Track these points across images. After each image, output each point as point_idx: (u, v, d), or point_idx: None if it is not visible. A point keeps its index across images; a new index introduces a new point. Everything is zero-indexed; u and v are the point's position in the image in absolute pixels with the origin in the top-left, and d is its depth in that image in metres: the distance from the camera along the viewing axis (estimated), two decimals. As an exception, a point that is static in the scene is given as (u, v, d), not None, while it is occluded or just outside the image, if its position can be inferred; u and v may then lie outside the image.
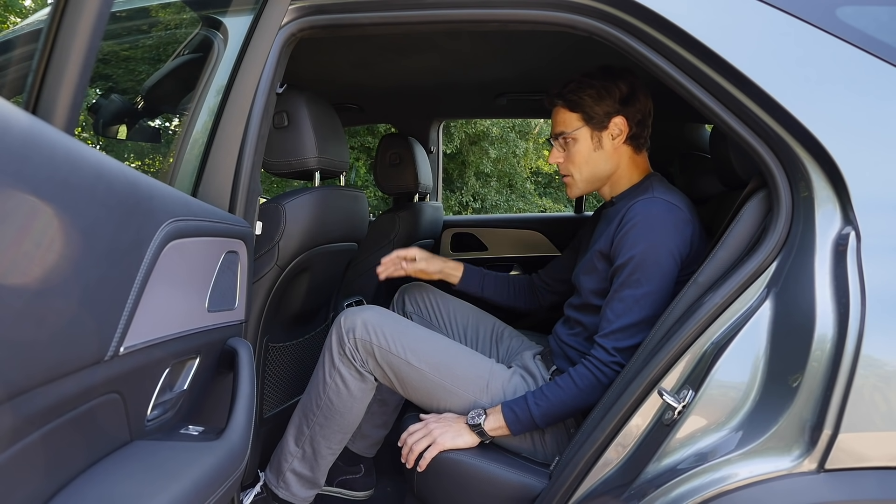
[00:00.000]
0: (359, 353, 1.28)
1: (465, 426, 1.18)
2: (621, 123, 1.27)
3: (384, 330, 1.27)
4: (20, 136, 0.46)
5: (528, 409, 1.15)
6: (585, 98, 1.26)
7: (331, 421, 1.31)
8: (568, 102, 1.28)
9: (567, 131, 1.29)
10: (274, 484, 1.36)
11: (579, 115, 1.27)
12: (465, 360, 1.29)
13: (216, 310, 0.93)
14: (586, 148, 1.28)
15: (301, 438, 1.34)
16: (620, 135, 1.28)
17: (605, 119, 1.26)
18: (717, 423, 0.84)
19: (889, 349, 0.74)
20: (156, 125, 1.76)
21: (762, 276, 0.88)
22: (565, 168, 1.32)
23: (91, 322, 0.59)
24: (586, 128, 1.27)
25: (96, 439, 0.68)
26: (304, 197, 1.32)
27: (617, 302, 1.14)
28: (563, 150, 1.31)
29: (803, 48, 0.88)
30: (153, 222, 0.69)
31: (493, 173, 10.51)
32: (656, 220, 1.15)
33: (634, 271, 1.13)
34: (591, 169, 1.30)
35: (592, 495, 0.97)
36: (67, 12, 0.56)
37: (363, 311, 1.30)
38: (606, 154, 1.29)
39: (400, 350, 1.26)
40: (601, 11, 0.99)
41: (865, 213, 0.80)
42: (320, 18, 1.11)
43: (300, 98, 1.37)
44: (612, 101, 1.26)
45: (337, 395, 1.30)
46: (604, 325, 1.16)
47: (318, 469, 1.35)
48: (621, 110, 1.26)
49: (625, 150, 1.30)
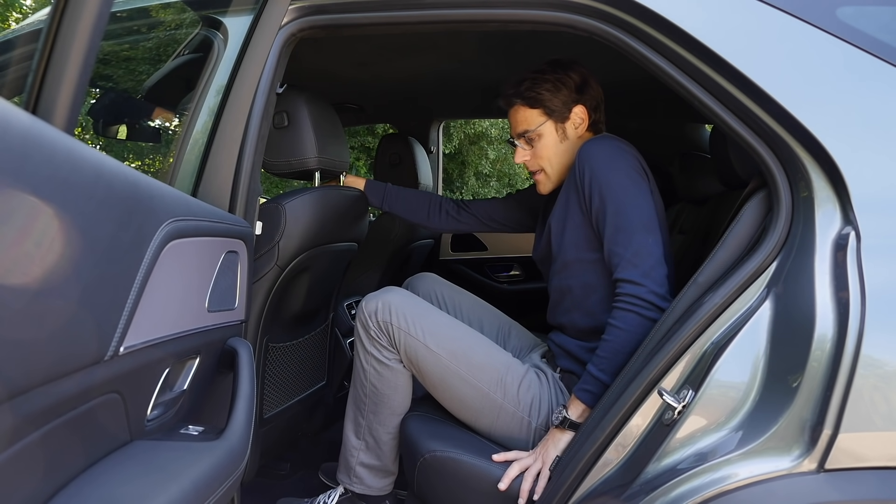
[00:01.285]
0: (383, 334, 1.28)
1: (556, 430, 1.15)
2: (581, 112, 1.29)
3: (405, 312, 1.27)
4: (20, 136, 0.46)
5: (598, 380, 1.12)
6: (543, 93, 1.27)
7: (381, 406, 1.31)
8: (527, 100, 1.29)
9: (531, 128, 1.30)
10: (347, 482, 1.36)
11: (540, 111, 1.29)
12: (483, 350, 1.29)
13: (216, 310, 0.93)
14: (553, 141, 1.30)
15: (360, 430, 1.34)
16: (582, 123, 1.30)
17: (565, 110, 1.29)
18: (717, 423, 0.84)
19: (889, 349, 0.74)
20: (156, 125, 1.76)
21: (762, 276, 0.88)
22: (534, 164, 1.33)
23: (91, 322, 0.59)
24: (550, 121, 1.29)
25: (96, 439, 0.68)
26: (304, 197, 1.32)
27: (616, 234, 1.14)
28: (529, 147, 1.32)
29: (803, 48, 0.88)
30: (153, 222, 0.69)
31: (493, 173, 10.52)
32: (601, 149, 1.19)
33: (613, 200, 1.15)
34: (559, 161, 1.32)
35: (592, 495, 0.97)
36: (67, 12, 0.56)
37: (384, 294, 1.30)
38: (572, 144, 1.31)
39: (419, 333, 1.26)
40: (601, 11, 0.99)
41: (865, 213, 0.80)
42: (320, 18, 1.11)
43: (300, 98, 1.37)
44: (569, 91, 1.28)
45: (378, 378, 1.30)
46: (617, 262, 1.14)
47: (385, 456, 1.35)
48: (579, 99, 1.29)
49: (587, 138, 1.32)
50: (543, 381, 1.28)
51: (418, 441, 1.22)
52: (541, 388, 1.27)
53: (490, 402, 1.24)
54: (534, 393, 1.25)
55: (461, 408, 1.28)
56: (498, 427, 1.26)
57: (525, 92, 1.29)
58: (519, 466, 1.13)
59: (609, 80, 1.89)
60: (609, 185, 1.15)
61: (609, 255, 1.16)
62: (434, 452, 1.18)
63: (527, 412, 1.24)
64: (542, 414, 1.24)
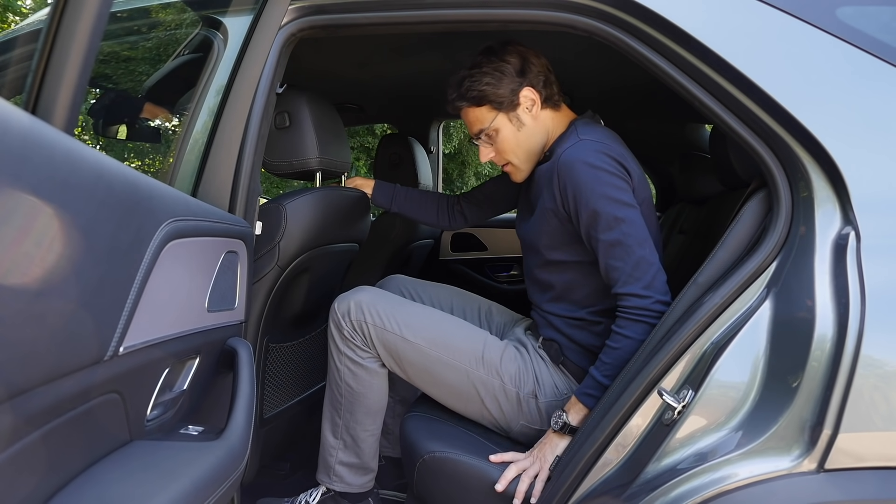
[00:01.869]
0: (358, 334, 1.28)
1: (555, 434, 1.15)
2: (530, 93, 1.24)
3: (377, 308, 1.27)
4: (20, 136, 0.46)
5: (601, 384, 1.12)
6: (485, 88, 1.23)
7: (357, 405, 1.31)
8: (471, 100, 1.26)
9: (485, 126, 1.27)
10: (327, 481, 1.36)
11: (488, 107, 1.25)
12: (459, 332, 1.29)
13: (216, 310, 0.93)
14: (511, 132, 1.27)
15: (337, 430, 1.34)
16: (534, 104, 1.26)
17: (512, 98, 1.24)
18: (716, 423, 0.84)
19: (889, 349, 0.74)
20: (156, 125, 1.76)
21: (762, 276, 0.88)
22: (501, 159, 1.32)
23: (91, 322, 0.59)
24: (501, 114, 1.26)
25: (96, 439, 0.68)
26: (304, 197, 1.32)
27: (611, 248, 1.13)
28: (490, 144, 1.30)
29: (803, 48, 0.88)
30: (153, 222, 0.69)
31: (493, 174, 10.52)
32: (583, 165, 1.14)
33: (605, 214, 1.13)
34: (526, 147, 1.29)
35: (592, 495, 0.97)
36: (67, 12, 0.56)
37: (355, 293, 1.30)
38: (531, 128, 1.27)
39: (395, 326, 1.26)
40: (601, 11, 0.99)
41: (865, 213, 0.80)
42: (320, 18, 1.11)
43: (301, 98, 1.37)
44: (510, 77, 1.23)
45: (353, 378, 1.30)
46: (616, 277, 1.13)
47: (363, 454, 1.35)
48: (523, 82, 1.24)
49: (546, 115, 1.28)
50: (524, 354, 1.29)
51: (418, 442, 1.22)
52: (522, 359, 1.28)
53: (475, 380, 1.25)
54: (516, 365, 1.26)
55: (449, 393, 1.29)
56: (488, 405, 1.26)
57: (467, 93, 1.25)
58: (516, 468, 1.13)
59: (609, 81, 1.89)
60: (596, 202, 1.13)
61: (607, 269, 1.15)
62: (433, 453, 1.18)
63: (512, 383, 1.25)
64: (527, 384, 1.25)
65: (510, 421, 1.27)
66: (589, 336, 1.25)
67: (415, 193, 1.68)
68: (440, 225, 1.70)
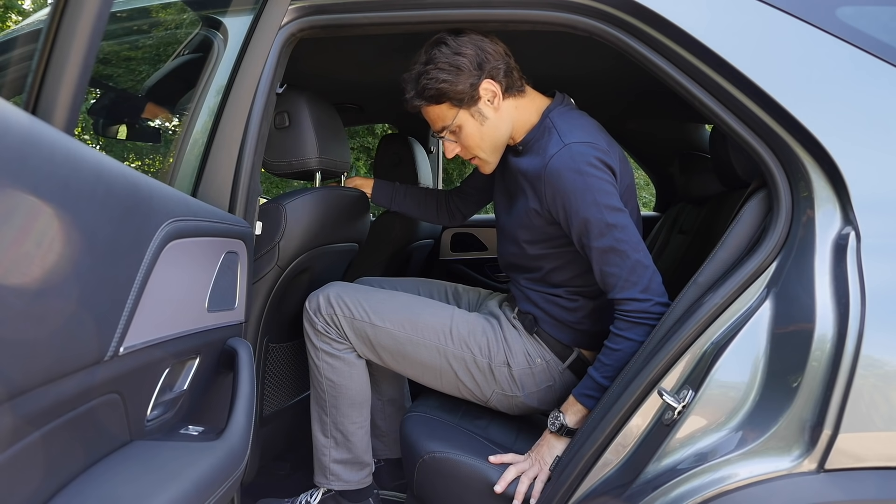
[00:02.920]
0: (332, 327, 1.30)
1: (552, 435, 1.16)
2: (490, 86, 1.18)
3: (345, 299, 1.29)
4: (20, 137, 0.46)
5: (600, 385, 1.12)
6: (443, 85, 1.17)
7: (340, 398, 1.33)
8: (430, 98, 1.20)
9: (447, 124, 1.23)
10: (325, 482, 1.36)
11: (448, 104, 1.20)
12: (426, 310, 1.31)
13: (216, 310, 0.93)
14: (474, 128, 1.22)
15: (326, 428, 1.35)
16: (496, 96, 1.20)
17: (472, 92, 1.18)
18: (717, 423, 0.84)
19: (889, 349, 0.74)
20: (156, 125, 1.76)
21: (762, 277, 0.88)
22: (467, 153, 1.28)
23: (91, 322, 0.59)
24: (462, 111, 1.20)
25: (96, 439, 0.68)
26: (304, 197, 1.32)
27: (605, 254, 1.12)
28: (455, 140, 1.27)
29: (803, 48, 0.88)
30: (153, 222, 0.69)
31: (493, 173, 10.51)
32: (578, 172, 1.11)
33: (596, 222, 1.11)
34: (491, 141, 1.25)
35: (592, 495, 0.97)
36: (67, 13, 0.56)
37: (323, 289, 1.32)
38: (494, 121, 1.22)
39: (363, 314, 1.28)
40: (601, 11, 0.99)
41: (865, 213, 0.80)
42: (320, 18, 1.11)
43: (301, 98, 1.37)
44: (468, 72, 1.16)
45: (332, 371, 1.31)
46: (613, 282, 1.13)
47: (355, 447, 1.36)
48: (481, 75, 1.17)
49: (508, 105, 1.23)
50: (494, 325, 1.30)
51: (417, 442, 1.22)
52: (493, 330, 1.29)
53: (447, 355, 1.26)
54: (485, 337, 1.28)
55: (423, 371, 1.31)
56: (462, 378, 1.28)
57: (424, 91, 1.20)
58: (515, 470, 1.13)
59: (609, 81, 1.89)
60: (586, 209, 1.11)
61: (602, 276, 1.14)
62: (433, 454, 1.18)
63: (483, 354, 1.26)
64: (497, 353, 1.26)
65: (485, 391, 1.28)
66: (565, 312, 1.26)
67: (414, 191, 1.69)
68: (440, 221, 1.71)
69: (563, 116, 1.22)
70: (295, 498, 1.40)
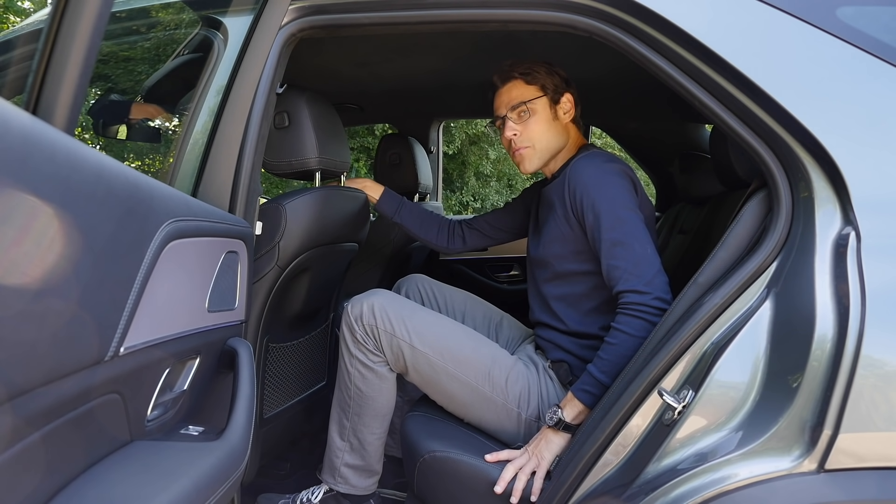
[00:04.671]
0: (370, 338, 1.28)
1: (550, 430, 1.15)
2: (570, 100, 1.35)
3: (389, 314, 1.27)
4: (20, 137, 0.46)
5: (599, 382, 1.12)
6: (540, 71, 1.32)
7: (365, 409, 1.32)
8: (524, 75, 1.33)
9: (527, 100, 1.32)
10: (332, 482, 1.36)
11: (537, 87, 1.33)
12: (469, 345, 1.29)
13: (216, 310, 0.93)
14: (545, 118, 1.33)
15: (344, 432, 1.35)
16: (570, 111, 1.36)
17: (558, 93, 1.33)
18: (717, 423, 0.84)
19: (889, 349, 0.74)
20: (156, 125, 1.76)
21: (762, 277, 0.88)
22: (523, 140, 1.33)
23: (91, 322, 0.59)
24: (545, 98, 1.33)
25: (96, 439, 0.68)
26: (304, 197, 1.32)
27: (613, 247, 1.16)
28: (520, 122, 1.33)
29: (803, 48, 0.88)
30: (153, 222, 0.69)
31: (493, 174, 10.51)
32: (599, 163, 1.23)
33: (610, 214, 1.17)
34: (549, 140, 1.34)
35: (592, 495, 0.97)
36: (68, 13, 0.56)
37: (369, 297, 1.31)
38: (561, 127, 1.35)
39: (404, 333, 1.26)
40: (601, 11, 0.99)
41: (865, 213, 0.80)
42: (320, 18, 1.11)
43: (301, 98, 1.37)
44: (560, 79, 1.34)
45: (363, 381, 1.30)
46: (617, 275, 1.14)
47: (369, 456, 1.35)
48: (567, 88, 1.35)
49: (572, 129, 1.38)
50: (532, 372, 1.29)
51: (418, 441, 1.22)
52: (529, 378, 1.28)
53: (478, 395, 1.25)
54: (522, 384, 1.26)
55: (450, 402, 1.30)
56: (487, 419, 1.27)
57: (522, 66, 1.33)
58: (513, 467, 1.13)
59: (609, 81, 1.89)
60: (602, 201, 1.18)
61: (608, 270, 1.16)
62: (434, 453, 1.18)
63: (515, 404, 1.25)
64: (531, 405, 1.25)
65: (508, 433, 1.27)
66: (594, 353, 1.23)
67: (419, 209, 1.70)
68: (437, 244, 1.71)
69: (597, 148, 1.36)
70: (296, 494, 1.40)
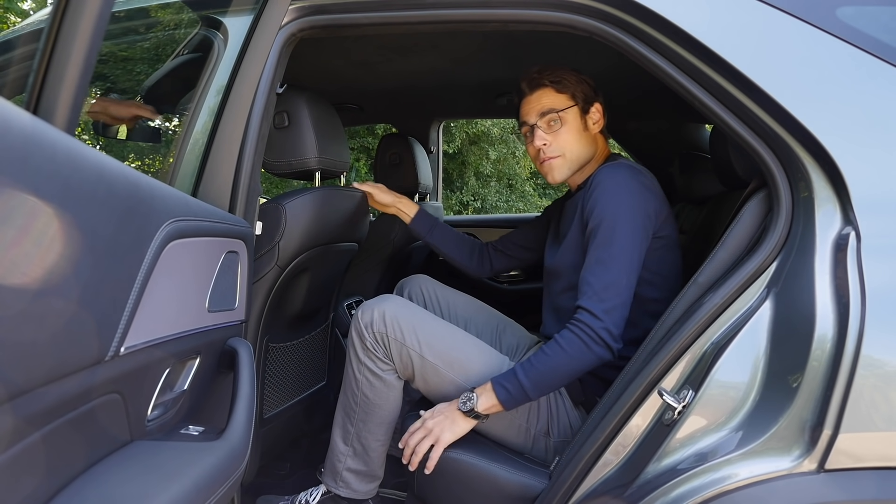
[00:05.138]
0: (380, 346, 1.27)
1: (459, 413, 1.17)
2: (599, 110, 1.33)
3: (401, 322, 1.26)
4: (21, 137, 0.46)
5: (519, 383, 1.13)
6: (570, 80, 1.30)
7: (371, 415, 1.31)
8: (555, 83, 1.30)
9: (557, 108, 1.30)
10: (333, 486, 1.35)
11: (568, 95, 1.30)
12: (479, 358, 1.28)
13: (216, 310, 0.93)
14: (576, 127, 1.31)
15: (348, 437, 1.34)
16: (599, 121, 1.33)
17: (587, 102, 1.31)
18: (717, 423, 0.84)
19: (889, 349, 0.74)
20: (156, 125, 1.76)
21: (762, 277, 0.88)
22: (554, 150, 1.32)
23: (91, 322, 0.59)
24: (575, 108, 1.31)
25: (97, 439, 0.68)
26: (304, 197, 1.32)
27: (595, 265, 1.15)
28: (549, 131, 1.31)
29: (803, 48, 0.88)
30: (154, 222, 0.69)
31: (493, 174, 10.51)
32: (621, 179, 1.19)
33: (606, 230, 1.15)
34: (579, 151, 1.32)
35: (592, 495, 0.97)
36: (68, 12, 0.56)
37: (380, 303, 1.29)
38: (590, 138, 1.33)
39: (415, 343, 1.25)
40: (601, 11, 0.99)
41: (865, 213, 0.80)
42: (320, 18, 1.11)
43: (301, 98, 1.37)
44: (589, 87, 1.32)
45: (370, 388, 1.29)
46: (585, 290, 1.14)
47: (372, 462, 1.35)
48: (596, 98, 1.33)
49: (600, 140, 1.36)
50: None
51: (418, 441, 1.21)
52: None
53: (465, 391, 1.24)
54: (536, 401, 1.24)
55: None
56: (494, 432, 1.26)
57: (552, 75, 1.30)
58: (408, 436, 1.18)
59: (609, 81, 1.89)
60: (606, 214, 1.16)
61: (581, 281, 1.16)
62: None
63: (524, 419, 1.24)
64: (540, 420, 1.24)
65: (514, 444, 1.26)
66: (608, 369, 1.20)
67: (451, 231, 1.68)
68: (469, 267, 1.69)
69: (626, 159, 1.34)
70: (294, 496, 1.40)
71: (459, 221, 2.78)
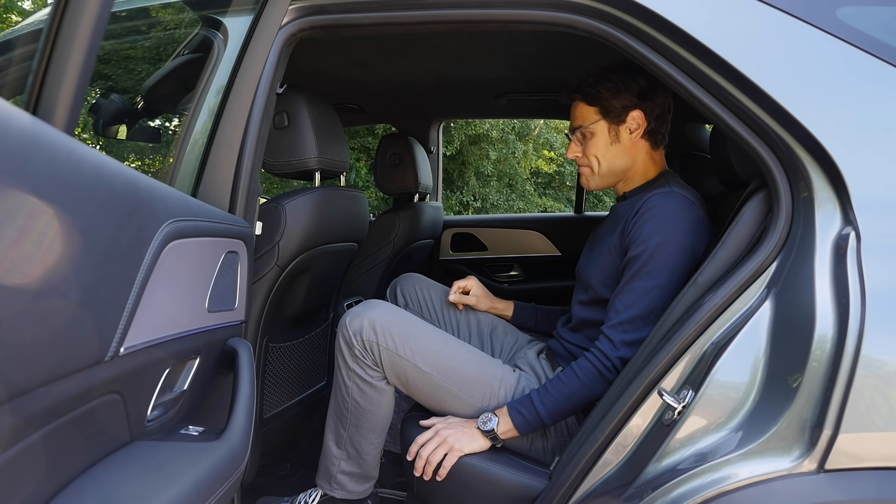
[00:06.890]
0: (369, 353, 1.25)
1: (478, 431, 1.17)
2: (639, 117, 1.27)
3: (391, 331, 1.24)
4: (21, 137, 0.46)
5: (535, 409, 1.15)
6: (603, 91, 1.26)
7: (363, 421, 1.30)
8: (585, 96, 1.29)
9: (584, 125, 1.29)
10: (328, 488, 1.35)
11: (597, 109, 1.28)
12: (474, 365, 1.27)
13: (216, 310, 0.93)
14: (603, 142, 1.29)
15: (341, 441, 1.33)
16: (638, 129, 1.27)
17: (622, 113, 1.26)
18: (717, 423, 0.84)
19: (889, 349, 0.74)
20: (156, 125, 1.76)
21: (762, 277, 0.88)
22: (584, 161, 1.33)
23: (91, 322, 0.59)
24: (603, 121, 1.28)
25: (96, 440, 0.68)
26: (304, 197, 1.32)
27: (627, 293, 1.14)
28: (581, 143, 1.32)
29: (803, 49, 0.88)
30: (153, 222, 0.69)
31: (494, 174, 10.51)
32: (674, 212, 1.16)
33: (647, 263, 1.13)
34: (609, 163, 1.30)
35: (592, 495, 0.97)
36: (68, 12, 0.56)
37: (369, 311, 1.27)
38: (623, 148, 1.29)
39: (408, 353, 1.23)
40: (601, 11, 0.99)
41: (865, 213, 0.80)
42: (320, 18, 1.11)
43: (300, 98, 1.37)
44: (630, 94, 1.25)
45: (361, 395, 1.28)
46: (612, 316, 1.15)
47: (366, 463, 1.34)
48: (639, 104, 1.26)
49: (642, 145, 1.30)
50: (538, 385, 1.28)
51: (418, 441, 1.22)
52: None
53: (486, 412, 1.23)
54: None
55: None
56: None
57: (586, 87, 1.28)
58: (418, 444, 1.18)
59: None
60: (651, 248, 1.13)
61: (610, 304, 1.16)
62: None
63: None
64: None
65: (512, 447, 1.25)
66: None
67: (549, 309, 1.67)
68: None
69: (678, 180, 1.29)
70: (294, 497, 1.40)
71: (459, 221, 2.78)
